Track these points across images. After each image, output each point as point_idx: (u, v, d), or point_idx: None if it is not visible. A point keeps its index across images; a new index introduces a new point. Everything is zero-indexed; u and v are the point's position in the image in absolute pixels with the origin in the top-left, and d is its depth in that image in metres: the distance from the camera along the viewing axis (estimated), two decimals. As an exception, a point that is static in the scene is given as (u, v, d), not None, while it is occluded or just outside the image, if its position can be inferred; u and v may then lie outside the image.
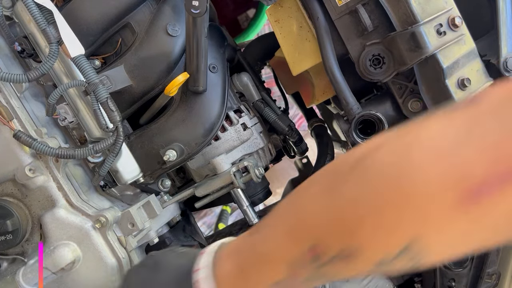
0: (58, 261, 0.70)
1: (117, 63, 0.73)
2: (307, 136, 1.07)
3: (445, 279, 0.76)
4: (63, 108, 0.74)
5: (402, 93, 0.73)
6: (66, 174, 0.75)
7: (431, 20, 0.64)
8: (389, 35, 0.67)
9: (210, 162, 0.80)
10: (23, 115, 0.73)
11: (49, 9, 0.65)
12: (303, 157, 1.40)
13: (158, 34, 0.73)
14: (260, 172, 0.78)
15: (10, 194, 0.76)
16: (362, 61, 0.69)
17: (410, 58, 0.65)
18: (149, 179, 0.81)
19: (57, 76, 0.72)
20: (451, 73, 0.66)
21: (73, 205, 0.74)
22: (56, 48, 0.66)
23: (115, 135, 0.68)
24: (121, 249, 0.75)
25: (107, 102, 0.66)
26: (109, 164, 0.71)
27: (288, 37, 0.78)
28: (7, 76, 0.64)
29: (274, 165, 1.23)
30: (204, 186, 0.80)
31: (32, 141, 0.68)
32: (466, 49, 0.67)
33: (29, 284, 0.72)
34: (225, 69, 0.81)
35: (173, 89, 0.69)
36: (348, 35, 0.71)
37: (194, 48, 0.68)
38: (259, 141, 0.85)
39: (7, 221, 0.72)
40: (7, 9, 0.71)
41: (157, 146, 0.76)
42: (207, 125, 0.76)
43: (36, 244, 0.76)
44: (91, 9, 0.71)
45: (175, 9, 0.74)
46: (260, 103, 0.87)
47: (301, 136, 0.92)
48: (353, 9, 0.69)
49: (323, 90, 0.90)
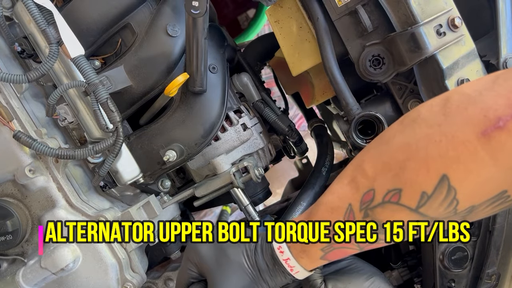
0: (58, 261, 0.71)
1: (117, 64, 0.73)
2: (307, 136, 1.07)
3: (444, 279, 0.76)
4: (63, 109, 0.74)
5: (402, 93, 0.73)
6: (66, 175, 0.75)
7: (431, 20, 0.64)
8: (389, 35, 0.67)
9: (210, 162, 0.80)
10: (23, 116, 0.73)
11: (49, 10, 0.65)
12: (303, 158, 1.41)
13: (158, 34, 0.73)
14: (260, 172, 0.78)
15: (10, 194, 0.76)
16: (362, 61, 0.69)
17: (410, 59, 0.65)
18: (149, 180, 0.81)
19: (57, 77, 0.73)
20: (451, 74, 0.66)
21: (73, 206, 0.74)
22: (56, 48, 0.66)
23: (115, 136, 0.68)
24: (121, 250, 0.75)
25: (107, 103, 0.66)
26: (109, 164, 0.71)
27: (288, 38, 0.78)
28: (7, 77, 0.64)
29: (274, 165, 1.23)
30: (204, 186, 0.80)
31: (32, 142, 0.68)
32: (466, 50, 0.67)
33: (29, 285, 0.72)
34: (225, 69, 0.81)
35: (173, 90, 0.69)
36: (348, 35, 0.71)
37: (194, 48, 0.68)
38: (259, 142, 0.85)
39: (7, 221, 0.72)
40: (7, 10, 0.71)
41: (157, 146, 0.77)
42: (207, 125, 0.76)
43: (36, 244, 0.76)
44: (91, 9, 0.71)
45: (175, 9, 0.74)
46: (260, 103, 0.87)
47: (301, 137, 0.92)
48: (353, 9, 0.69)
49: (323, 90, 0.90)
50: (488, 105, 0.40)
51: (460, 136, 0.41)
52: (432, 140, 0.44)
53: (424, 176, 0.44)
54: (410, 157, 0.45)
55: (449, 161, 0.42)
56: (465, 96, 0.43)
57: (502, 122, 0.38)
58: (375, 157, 0.50)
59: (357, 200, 0.51)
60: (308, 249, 0.58)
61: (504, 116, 0.38)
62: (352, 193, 0.52)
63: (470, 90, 0.43)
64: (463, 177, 0.42)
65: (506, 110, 0.39)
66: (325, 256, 0.58)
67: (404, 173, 0.46)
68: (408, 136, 0.46)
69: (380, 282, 0.67)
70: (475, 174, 0.42)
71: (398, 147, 0.47)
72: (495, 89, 0.41)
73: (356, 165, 0.53)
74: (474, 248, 0.75)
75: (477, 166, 0.41)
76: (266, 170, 1.01)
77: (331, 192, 0.56)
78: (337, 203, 0.54)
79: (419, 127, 0.46)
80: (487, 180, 0.42)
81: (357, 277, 0.67)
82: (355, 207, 0.52)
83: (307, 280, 0.66)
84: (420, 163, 0.44)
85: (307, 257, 0.59)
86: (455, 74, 0.66)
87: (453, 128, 0.42)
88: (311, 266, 0.61)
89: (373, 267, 0.71)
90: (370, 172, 0.50)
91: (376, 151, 0.51)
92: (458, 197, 0.44)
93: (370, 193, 0.49)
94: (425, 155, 0.44)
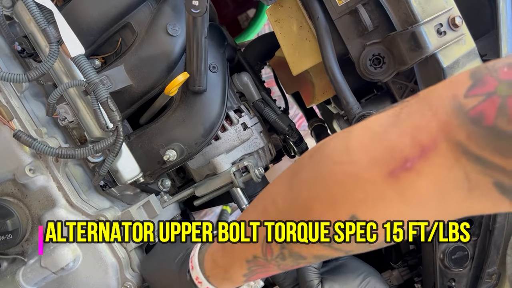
0: (58, 261, 0.71)
1: (117, 63, 0.73)
2: (307, 136, 1.07)
3: (445, 279, 0.76)
4: (63, 108, 0.74)
5: (402, 93, 0.73)
6: (66, 174, 0.75)
7: (431, 19, 0.64)
8: (389, 34, 0.67)
9: (210, 161, 0.80)
10: (23, 115, 0.73)
11: (49, 9, 0.65)
12: (303, 157, 1.41)
13: (158, 34, 0.73)
14: (260, 172, 0.78)
15: (10, 194, 0.76)
16: (362, 61, 0.69)
17: (410, 58, 0.65)
18: (149, 179, 0.81)
19: (57, 76, 0.72)
20: (451, 73, 0.66)
21: (73, 205, 0.74)
22: (56, 47, 0.66)
23: (115, 135, 0.68)
24: (121, 249, 0.75)
25: (107, 102, 0.66)
26: (109, 164, 0.71)
27: (288, 37, 0.78)
28: (7, 76, 0.64)
29: (274, 165, 1.23)
30: (204, 186, 0.80)
31: (32, 141, 0.68)
32: (466, 49, 0.67)
33: (29, 284, 0.72)
34: (225, 69, 0.81)
35: (173, 89, 0.69)
36: (348, 35, 0.71)
37: (194, 48, 0.68)
38: (259, 141, 0.85)
39: (7, 221, 0.72)
40: (7, 9, 0.71)
41: (157, 146, 0.76)
42: (207, 124, 0.76)
43: (36, 244, 0.76)
44: (91, 9, 0.71)
45: (175, 9, 0.74)
46: (260, 103, 0.87)
47: (301, 136, 0.92)
48: (353, 9, 0.69)
49: (323, 90, 0.90)
50: (393, 144, 0.38)
51: (366, 176, 0.39)
52: (337, 181, 0.41)
53: (333, 217, 0.42)
54: (317, 197, 0.43)
55: (356, 203, 0.40)
56: (370, 132, 0.41)
57: (410, 164, 0.37)
58: (285, 191, 0.48)
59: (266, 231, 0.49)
60: (229, 276, 0.57)
61: (411, 157, 0.36)
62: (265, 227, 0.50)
63: (375, 124, 0.41)
64: (374, 215, 0.41)
65: (412, 151, 0.36)
66: (248, 279, 0.57)
67: (313, 214, 0.44)
68: (314, 171, 0.44)
69: (375, 281, 0.67)
70: (383, 212, 0.40)
71: (305, 183, 0.45)
72: (399, 126, 0.38)
73: (267, 194, 0.52)
74: (474, 248, 0.75)
75: (385, 205, 0.39)
76: (266, 170, 1.00)
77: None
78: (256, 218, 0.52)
79: (325, 163, 0.43)
80: (397, 216, 0.40)
81: (353, 276, 0.67)
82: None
83: (304, 280, 0.66)
84: (327, 205, 0.43)
85: (230, 282, 0.58)
86: (455, 73, 0.66)
87: (357, 168, 0.40)
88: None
89: (369, 266, 0.71)
90: (281, 206, 0.48)
91: (286, 184, 0.48)
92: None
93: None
94: (331, 196, 0.42)
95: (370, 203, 0.40)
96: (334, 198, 0.42)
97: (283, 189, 0.49)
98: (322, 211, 0.43)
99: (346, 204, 0.41)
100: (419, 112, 0.37)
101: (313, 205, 0.43)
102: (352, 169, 0.40)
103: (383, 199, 0.39)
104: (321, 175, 0.43)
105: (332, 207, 0.42)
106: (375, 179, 0.39)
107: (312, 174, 0.44)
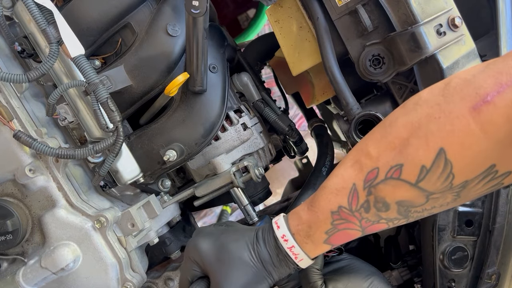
0: (58, 261, 0.71)
1: (117, 63, 0.73)
2: (307, 136, 1.07)
3: (445, 279, 0.76)
4: (63, 108, 0.74)
5: (402, 93, 0.73)
6: (66, 174, 0.75)
7: (431, 20, 0.64)
8: (389, 35, 0.67)
9: (210, 162, 0.80)
10: (23, 115, 0.73)
11: (49, 9, 0.65)
12: (303, 157, 1.41)
13: (158, 34, 0.73)
14: (260, 172, 0.78)
15: (10, 194, 0.76)
16: (362, 61, 0.69)
17: (410, 58, 0.65)
18: (149, 179, 0.81)
19: (57, 76, 0.72)
20: (451, 74, 0.66)
21: (73, 205, 0.74)
22: (56, 48, 0.66)
23: (115, 135, 0.68)
24: (121, 249, 0.75)
25: (107, 102, 0.66)
26: (109, 164, 0.71)
27: (288, 37, 0.78)
28: (7, 76, 0.64)
29: (274, 165, 1.23)
30: (204, 186, 0.80)
31: (32, 141, 0.68)
32: (466, 49, 0.67)
33: (29, 284, 0.72)
34: (225, 69, 0.81)
35: (173, 89, 0.69)
36: (348, 35, 0.71)
37: (194, 48, 0.68)
38: (259, 141, 0.85)
39: (7, 221, 0.72)
40: (7, 9, 0.71)
41: (157, 146, 0.77)
42: (207, 125, 0.76)
43: (36, 244, 0.76)
44: (91, 9, 0.71)
45: (175, 9, 0.74)
46: (260, 103, 0.87)
47: (301, 136, 0.92)
48: (353, 9, 0.69)
49: (323, 90, 0.90)
50: (479, 84, 0.46)
51: (456, 111, 0.46)
52: (432, 117, 0.48)
53: (424, 150, 0.48)
54: (413, 134, 0.49)
55: (445, 135, 0.47)
56: (462, 79, 0.48)
57: (490, 97, 0.44)
58: (379, 139, 0.54)
59: (361, 179, 0.54)
60: (312, 233, 0.60)
61: (492, 92, 0.44)
62: (355, 174, 0.55)
63: (466, 74, 0.48)
64: (458, 150, 0.47)
65: (493, 87, 0.44)
66: (329, 239, 0.60)
67: (407, 149, 0.50)
68: (411, 116, 0.51)
69: (378, 282, 0.67)
70: (467, 147, 0.46)
71: (401, 126, 0.51)
72: (485, 72, 0.46)
73: (359, 149, 0.56)
74: (474, 248, 0.75)
75: (469, 139, 0.46)
76: (266, 170, 1.01)
77: (334, 175, 0.59)
78: (341, 184, 0.57)
79: (421, 108, 0.50)
80: (478, 154, 0.46)
81: (356, 277, 0.67)
82: (359, 186, 0.54)
83: (307, 281, 0.66)
84: (421, 139, 0.49)
85: (312, 242, 0.60)
86: (455, 73, 0.66)
87: (450, 105, 0.47)
88: (315, 252, 0.62)
89: (372, 266, 0.71)
90: (374, 153, 0.53)
91: (379, 134, 0.54)
92: (454, 171, 0.48)
93: (374, 171, 0.53)
94: (425, 131, 0.48)
95: (456, 136, 0.46)
96: (428, 132, 0.48)
97: (376, 138, 0.54)
98: (417, 145, 0.49)
99: (437, 137, 0.47)
100: (504, 62, 0.46)
101: (409, 141, 0.49)
102: (445, 107, 0.47)
103: (467, 132, 0.46)
104: (418, 117, 0.50)
105: (425, 139, 0.48)
106: (462, 113, 0.46)
107: (410, 119, 0.51)
